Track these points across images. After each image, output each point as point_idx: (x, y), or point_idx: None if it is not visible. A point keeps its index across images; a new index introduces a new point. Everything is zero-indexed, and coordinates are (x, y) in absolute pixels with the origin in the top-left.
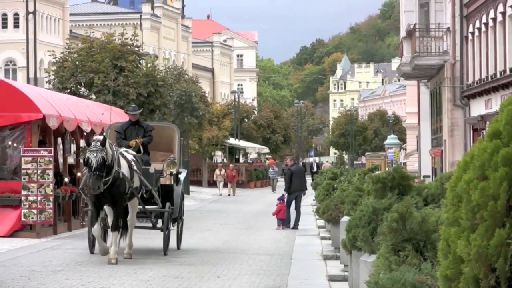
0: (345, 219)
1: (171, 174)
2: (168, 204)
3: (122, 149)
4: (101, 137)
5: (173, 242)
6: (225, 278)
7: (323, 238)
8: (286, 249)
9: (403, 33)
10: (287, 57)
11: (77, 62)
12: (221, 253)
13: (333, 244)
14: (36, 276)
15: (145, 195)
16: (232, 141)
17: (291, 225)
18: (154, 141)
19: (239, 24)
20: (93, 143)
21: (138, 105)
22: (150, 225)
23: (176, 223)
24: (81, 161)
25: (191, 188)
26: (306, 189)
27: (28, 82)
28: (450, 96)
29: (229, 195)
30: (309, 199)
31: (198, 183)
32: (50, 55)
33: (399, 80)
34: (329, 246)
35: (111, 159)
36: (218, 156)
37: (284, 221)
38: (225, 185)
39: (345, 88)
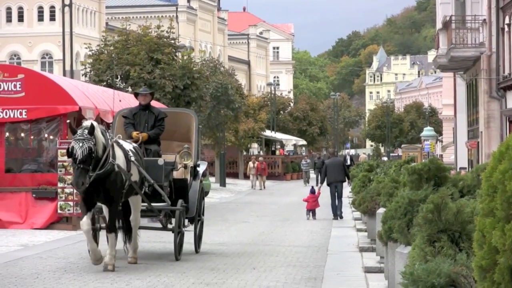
0: (381, 210)
1: (185, 166)
2: (180, 201)
3: (117, 137)
4: (89, 124)
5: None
6: (261, 270)
7: (359, 230)
8: (322, 241)
9: (439, 25)
10: (323, 49)
11: (113, 55)
12: (257, 245)
13: (369, 236)
14: (72, 268)
15: (147, 190)
16: (268, 133)
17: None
18: (169, 130)
19: (275, 17)
20: (79, 131)
21: (174, 97)
22: (160, 225)
23: (193, 223)
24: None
25: (227, 180)
26: (344, 180)
27: (64, 74)
28: (486, 88)
29: (260, 189)
30: (345, 191)
31: (234, 175)
32: (86, 48)
33: (435, 72)
34: (365, 238)
35: (102, 150)
36: (255, 149)
37: (314, 212)
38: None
39: (381, 80)
